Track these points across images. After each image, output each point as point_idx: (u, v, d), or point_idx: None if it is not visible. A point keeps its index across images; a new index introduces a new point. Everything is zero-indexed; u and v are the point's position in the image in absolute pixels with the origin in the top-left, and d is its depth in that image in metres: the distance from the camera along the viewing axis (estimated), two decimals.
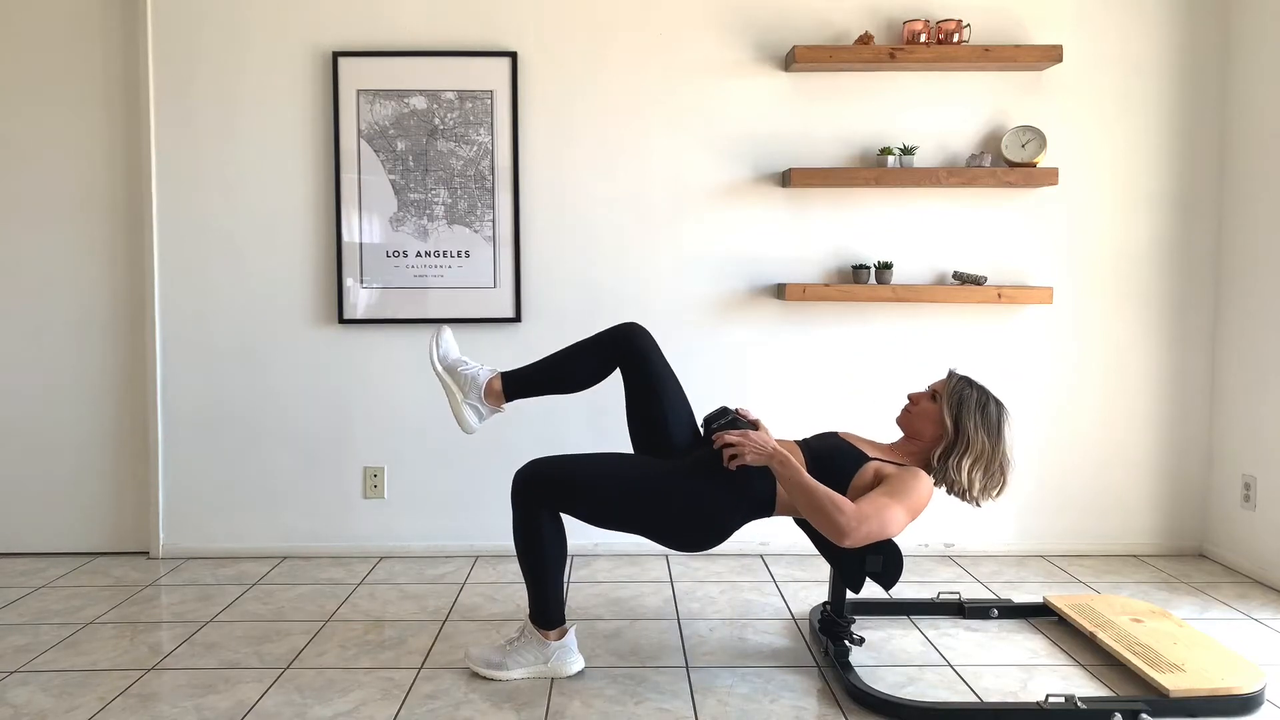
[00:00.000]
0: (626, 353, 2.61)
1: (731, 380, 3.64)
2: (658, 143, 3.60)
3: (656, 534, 2.53)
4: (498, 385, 2.62)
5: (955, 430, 2.50)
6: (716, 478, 2.46)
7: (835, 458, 2.53)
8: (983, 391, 2.55)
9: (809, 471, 2.49)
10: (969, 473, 2.48)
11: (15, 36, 3.58)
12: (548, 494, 2.49)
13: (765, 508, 2.50)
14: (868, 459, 2.51)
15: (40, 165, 3.61)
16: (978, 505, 2.54)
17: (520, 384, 2.63)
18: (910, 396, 2.63)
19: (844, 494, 2.45)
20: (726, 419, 2.54)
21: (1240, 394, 3.53)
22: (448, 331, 2.69)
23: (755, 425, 2.56)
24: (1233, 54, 3.59)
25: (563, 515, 2.56)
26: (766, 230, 3.62)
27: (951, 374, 2.60)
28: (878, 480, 2.46)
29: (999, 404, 2.55)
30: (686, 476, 2.49)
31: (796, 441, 2.65)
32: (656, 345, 2.65)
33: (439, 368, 2.65)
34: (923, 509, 2.41)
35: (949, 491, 2.54)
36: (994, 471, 2.51)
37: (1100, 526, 3.71)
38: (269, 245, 3.62)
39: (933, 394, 2.59)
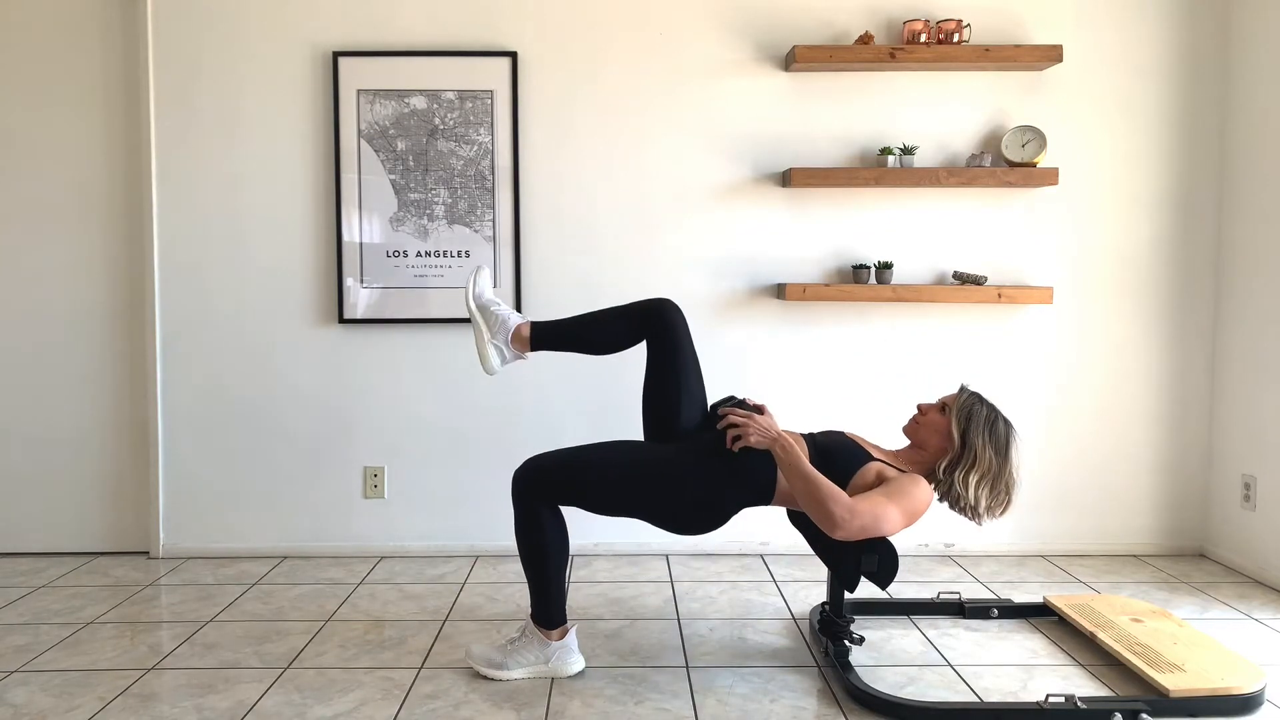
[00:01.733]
0: (657, 328, 2.61)
1: (732, 380, 3.64)
2: (658, 142, 3.60)
3: (655, 516, 2.53)
4: (526, 332, 2.66)
5: (962, 444, 2.50)
6: (717, 460, 2.47)
7: (839, 454, 2.53)
8: (993, 409, 2.55)
9: (812, 464, 2.50)
10: (975, 489, 2.48)
11: (15, 37, 3.58)
12: (547, 488, 2.49)
13: (764, 494, 2.50)
14: (871, 459, 2.51)
15: (40, 165, 3.61)
16: (979, 523, 2.54)
17: (548, 336, 2.66)
18: (920, 407, 2.63)
19: (843, 489, 2.45)
20: (733, 402, 2.57)
21: (1240, 394, 3.53)
22: (486, 271, 2.73)
23: (761, 410, 2.56)
24: (1233, 54, 3.59)
25: (563, 512, 2.56)
26: (766, 230, 3.63)
27: (963, 389, 2.60)
28: (879, 481, 2.46)
29: (1008, 423, 2.55)
30: (686, 458, 2.50)
31: (802, 435, 2.65)
32: (687, 326, 2.65)
33: (472, 304, 2.68)
34: (919, 515, 2.41)
35: (952, 506, 2.54)
36: (1000, 490, 2.50)
37: (1100, 526, 3.71)
38: (269, 245, 3.62)
39: (942, 406, 2.58)
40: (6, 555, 3.69)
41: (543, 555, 2.52)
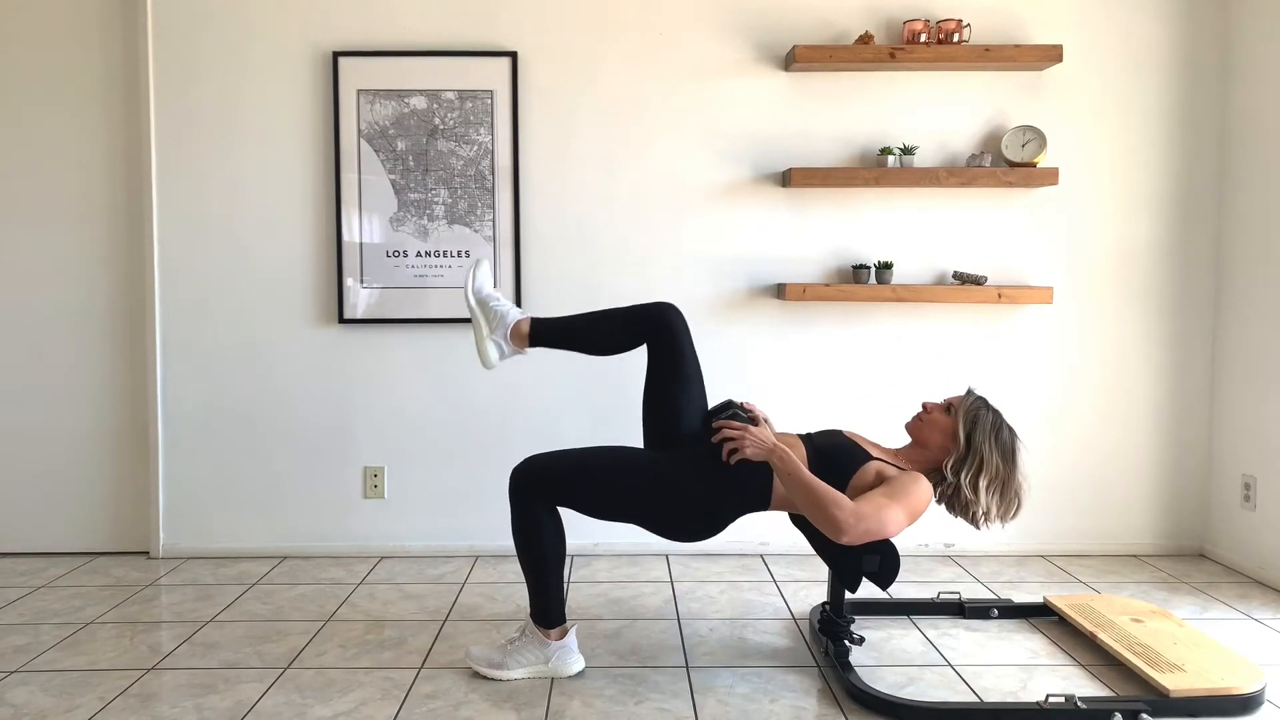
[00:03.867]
0: (660, 332, 2.57)
1: (732, 380, 3.63)
2: (658, 142, 3.60)
3: (652, 523, 2.53)
4: (525, 328, 2.63)
5: (967, 446, 2.50)
6: (713, 470, 2.47)
7: (837, 454, 2.53)
8: (998, 415, 2.56)
9: (810, 467, 2.50)
10: (985, 493, 2.48)
11: (15, 36, 3.58)
12: (544, 489, 2.50)
13: (761, 501, 2.51)
14: (870, 458, 2.51)
15: (40, 165, 3.61)
16: (978, 528, 2.54)
17: (547, 334, 2.64)
18: (925, 405, 2.63)
19: (843, 491, 2.45)
20: (728, 412, 2.55)
21: (1240, 394, 3.53)
22: (485, 265, 2.71)
23: (756, 421, 2.56)
24: (1233, 54, 3.59)
25: (561, 513, 2.56)
26: (766, 230, 3.63)
27: (970, 392, 2.61)
28: (879, 481, 2.46)
29: (1012, 431, 2.56)
30: (683, 467, 2.49)
31: (799, 435, 2.65)
32: (689, 331, 2.62)
33: (472, 300, 2.67)
34: (921, 513, 2.41)
35: (952, 508, 2.54)
36: (1010, 497, 2.51)
37: (1100, 526, 3.71)
38: (269, 245, 3.62)
39: (948, 406, 2.59)
40: (6, 555, 3.69)
41: (540, 555, 2.53)
